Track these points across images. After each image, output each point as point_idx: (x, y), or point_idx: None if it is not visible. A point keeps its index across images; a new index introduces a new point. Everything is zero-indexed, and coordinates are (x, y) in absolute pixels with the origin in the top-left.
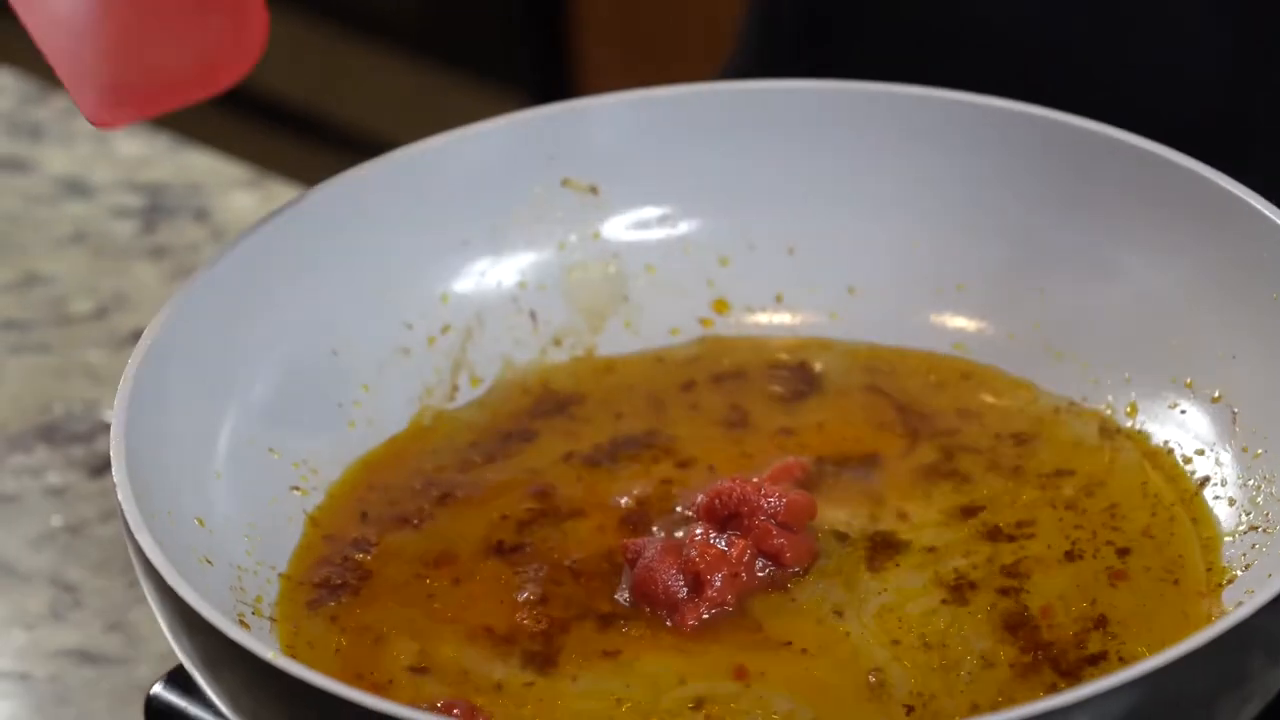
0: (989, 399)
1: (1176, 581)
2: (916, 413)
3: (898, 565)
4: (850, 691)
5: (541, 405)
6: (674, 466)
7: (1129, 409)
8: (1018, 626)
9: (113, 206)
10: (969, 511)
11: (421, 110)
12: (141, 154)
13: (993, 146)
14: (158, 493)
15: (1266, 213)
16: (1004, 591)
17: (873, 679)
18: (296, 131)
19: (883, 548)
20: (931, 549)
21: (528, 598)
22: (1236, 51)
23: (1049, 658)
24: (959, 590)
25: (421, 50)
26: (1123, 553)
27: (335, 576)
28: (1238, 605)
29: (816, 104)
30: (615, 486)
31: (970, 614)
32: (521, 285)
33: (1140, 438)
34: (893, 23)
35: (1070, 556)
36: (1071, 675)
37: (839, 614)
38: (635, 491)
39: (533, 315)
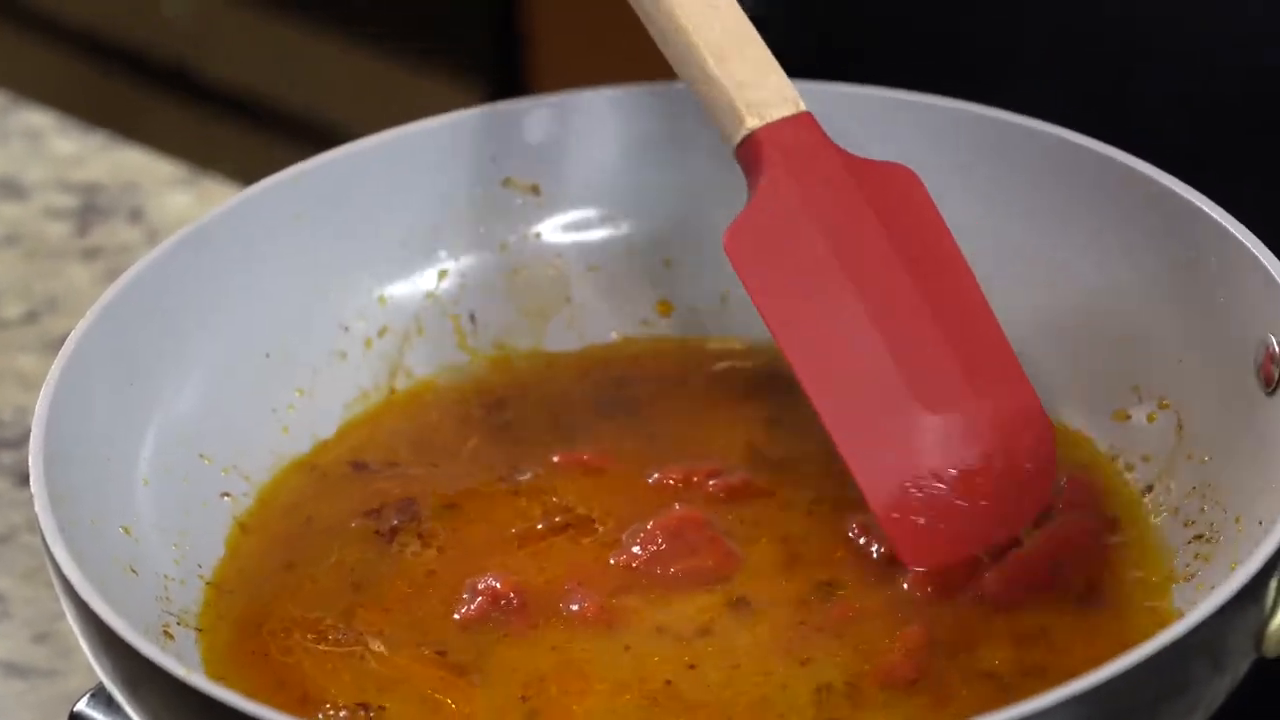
0: None
1: (1118, 591)
2: None
3: None
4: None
5: (478, 409)
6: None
7: (1073, 413)
8: None
9: (46, 207)
10: None
11: (369, 98)
12: (75, 152)
13: (939, 146)
14: (81, 500)
15: (1216, 217)
16: None
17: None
18: (238, 121)
19: None
20: None
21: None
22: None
23: (987, 670)
24: None
25: (371, 36)
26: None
27: (265, 586)
28: (1180, 616)
29: None
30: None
31: None
32: (462, 287)
33: (1084, 443)
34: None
35: None
36: (1011, 688)
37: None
38: None
39: (473, 318)
